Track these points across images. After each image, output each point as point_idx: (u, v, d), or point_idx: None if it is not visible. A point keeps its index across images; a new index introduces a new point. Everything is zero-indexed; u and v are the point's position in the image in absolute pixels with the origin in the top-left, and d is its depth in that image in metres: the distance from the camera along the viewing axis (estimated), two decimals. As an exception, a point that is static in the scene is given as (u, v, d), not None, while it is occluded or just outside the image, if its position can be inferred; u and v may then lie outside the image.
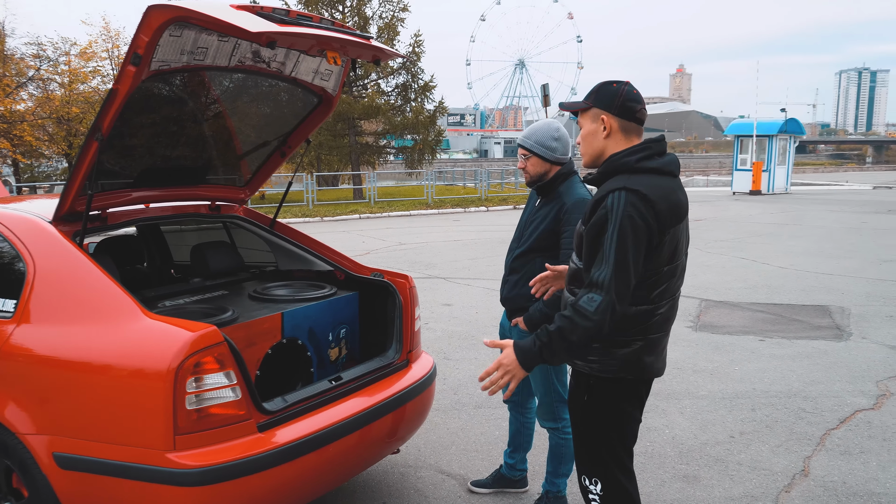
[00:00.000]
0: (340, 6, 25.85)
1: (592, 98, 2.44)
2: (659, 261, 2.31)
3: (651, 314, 2.36)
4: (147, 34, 2.62)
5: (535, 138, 3.30)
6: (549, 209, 3.28)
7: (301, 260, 4.07)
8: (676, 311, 2.50)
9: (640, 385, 2.46)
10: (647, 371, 2.43)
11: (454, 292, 8.89)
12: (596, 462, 2.48)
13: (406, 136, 26.95)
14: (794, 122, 27.63)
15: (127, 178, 3.52)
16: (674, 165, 2.41)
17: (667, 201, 2.29)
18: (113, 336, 2.67)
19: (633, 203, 2.23)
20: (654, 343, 2.41)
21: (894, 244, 12.59)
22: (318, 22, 2.96)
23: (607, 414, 2.44)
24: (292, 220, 18.39)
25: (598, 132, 2.43)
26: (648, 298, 2.34)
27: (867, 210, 19.52)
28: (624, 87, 2.41)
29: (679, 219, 2.35)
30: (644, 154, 2.35)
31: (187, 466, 2.49)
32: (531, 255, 3.32)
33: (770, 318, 7.39)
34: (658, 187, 2.29)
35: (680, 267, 2.42)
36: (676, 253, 2.37)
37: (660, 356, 2.46)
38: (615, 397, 2.43)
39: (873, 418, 4.65)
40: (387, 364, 3.45)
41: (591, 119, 2.44)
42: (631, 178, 2.29)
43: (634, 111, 2.40)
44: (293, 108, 3.87)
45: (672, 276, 2.38)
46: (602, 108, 2.41)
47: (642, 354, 2.38)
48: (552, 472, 3.51)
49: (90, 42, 25.42)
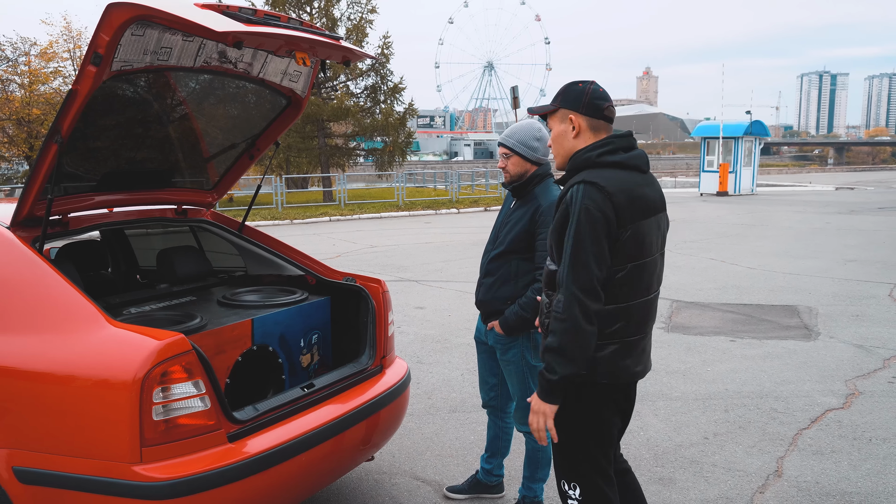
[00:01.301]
0: (308, 7, 25.65)
1: (559, 99, 2.44)
2: (623, 256, 2.29)
3: (625, 313, 2.33)
4: (108, 33, 2.53)
5: (517, 137, 3.28)
6: (525, 211, 3.26)
7: (271, 264, 3.99)
8: (655, 313, 2.48)
9: (617, 389, 2.43)
10: (625, 374, 2.39)
11: (426, 295, 8.84)
12: (574, 467, 2.45)
13: (376, 138, 26.81)
14: (759, 125, 28.09)
15: (89, 181, 3.42)
16: (640, 160, 2.40)
17: (627, 194, 2.28)
18: (75, 345, 2.57)
19: (589, 195, 2.24)
20: (632, 345, 2.38)
21: (858, 244, 12.83)
22: (286, 22, 2.90)
23: (584, 420, 2.41)
24: (261, 224, 18.20)
25: (567, 132, 2.43)
26: (619, 296, 2.31)
27: (830, 211, 19.89)
28: (590, 86, 2.42)
29: (643, 213, 2.33)
30: (606, 149, 2.35)
31: (155, 479, 2.41)
32: (507, 257, 3.29)
33: (740, 318, 7.45)
34: (618, 180, 2.29)
35: (650, 264, 2.38)
36: (644, 249, 2.34)
37: (639, 359, 2.43)
38: (592, 403, 2.40)
39: (843, 417, 4.70)
40: (360, 370, 3.39)
41: (559, 120, 2.45)
42: (591, 172, 2.31)
43: (602, 108, 2.39)
44: (261, 110, 3.80)
45: (642, 273, 2.35)
46: (569, 108, 2.41)
47: (618, 358, 2.35)
48: (529, 477, 3.47)
49: (51, 42, 24.93)
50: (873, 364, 5.81)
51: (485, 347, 3.53)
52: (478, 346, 3.60)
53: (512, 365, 3.35)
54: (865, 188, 31.97)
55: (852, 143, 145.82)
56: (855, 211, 19.73)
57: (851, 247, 12.48)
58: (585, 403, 2.39)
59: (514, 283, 3.28)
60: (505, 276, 3.30)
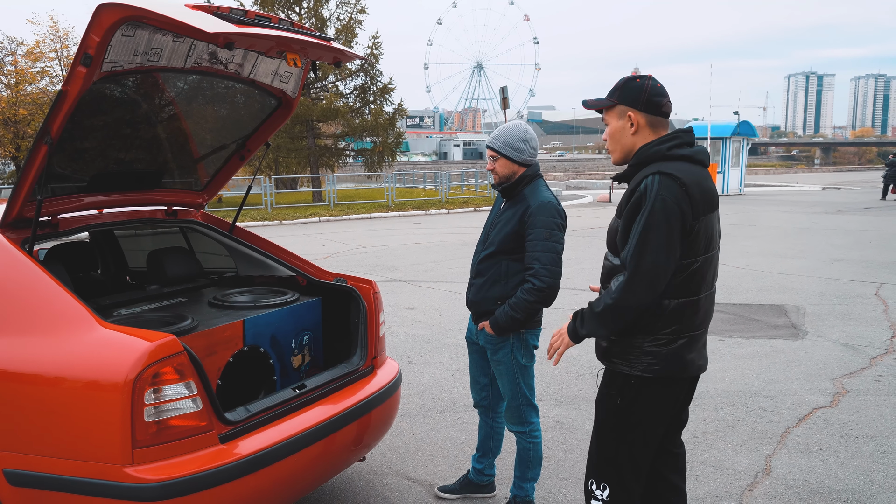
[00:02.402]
0: (297, 7, 25.59)
1: (617, 95, 2.43)
2: (696, 248, 2.30)
3: (694, 306, 2.34)
4: (98, 34, 2.53)
5: (503, 140, 3.30)
6: (514, 211, 3.27)
7: (262, 265, 3.98)
8: (714, 306, 2.49)
9: (681, 384, 2.44)
10: (692, 368, 2.41)
11: (417, 295, 8.85)
12: (610, 465, 2.44)
13: (365, 139, 26.77)
14: (747, 125, 28.25)
15: (79, 182, 3.41)
16: (703, 155, 2.42)
17: (699, 188, 2.30)
18: (66, 347, 2.56)
19: (667, 186, 2.24)
20: (697, 339, 2.40)
21: (845, 244, 12.93)
22: (276, 23, 2.90)
23: (645, 416, 2.41)
24: (251, 224, 18.14)
25: (625, 129, 2.42)
26: (690, 289, 2.32)
27: (818, 210, 20.04)
28: (648, 81, 2.41)
29: (711, 207, 2.35)
30: (675, 143, 2.36)
31: (146, 481, 2.40)
32: (497, 258, 3.30)
33: (729, 317, 7.50)
34: (690, 173, 2.30)
35: (716, 257, 2.42)
36: (712, 242, 2.37)
37: (701, 352, 2.45)
38: (656, 398, 2.40)
39: (831, 416, 4.74)
40: (351, 371, 3.40)
41: (617, 116, 2.43)
42: (664, 164, 2.31)
43: (661, 105, 2.40)
44: (252, 111, 3.79)
45: (710, 266, 2.38)
46: (628, 105, 2.41)
47: (686, 351, 2.36)
48: (520, 476, 3.49)
49: (37, 42, 24.72)
50: (860, 362, 5.86)
51: (476, 347, 3.55)
52: (469, 346, 3.61)
53: (502, 365, 3.36)
54: (852, 188, 32.23)
55: (839, 143, 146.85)
56: (842, 211, 19.88)
57: (838, 246, 12.57)
58: (650, 400, 2.39)
59: (504, 283, 3.29)
60: (495, 276, 3.31)
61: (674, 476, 2.65)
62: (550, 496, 3.71)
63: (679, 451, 2.69)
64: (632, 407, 2.40)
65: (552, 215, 3.20)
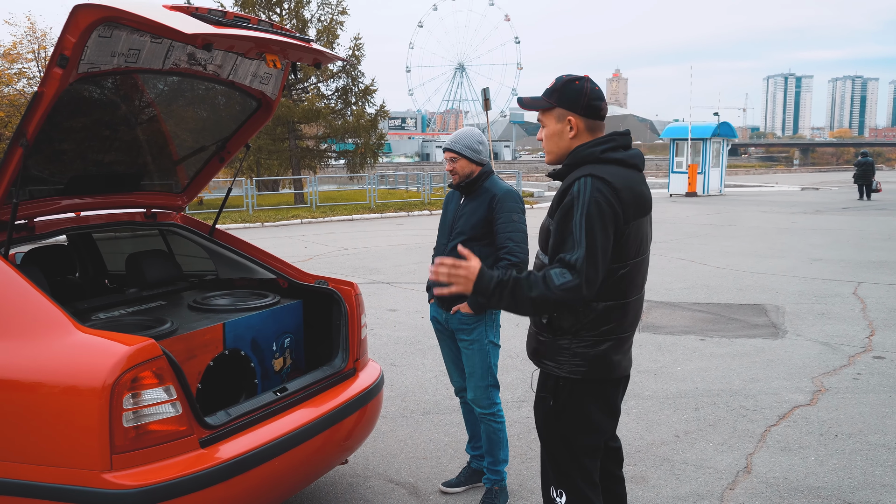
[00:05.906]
0: (278, 8, 25.47)
1: (556, 97, 2.39)
2: (627, 252, 2.30)
3: (622, 310, 2.35)
4: (74, 35, 2.50)
5: (463, 143, 3.57)
6: (480, 202, 3.52)
7: (242, 268, 3.96)
8: (643, 308, 2.50)
9: (609, 385, 2.44)
10: (617, 370, 2.41)
11: (399, 297, 8.83)
12: (562, 472, 2.45)
13: (347, 140, 26.68)
14: (727, 126, 28.49)
15: (56, 185, 3.37)
16: (638, 159, 2.41)
17: (631, 191, 2.30)
18: (42, 351, 2.52)
19: (598, 189, 2.23)
20: (623, 341, 2.41)
21: (823, 243, 13.07)
22: (256, 24, 2.88)
23: (574, 418, 2.41)
24: (232, 227, 18.03)
25: (564, 132, 2.41)
26: (619, 292, 2.33)
27: (797, 210, 20.24)
28: (587, 84, 2.38)
29: (643, 211, 2.36)
30: (608, 146, 2.36)
31: (125, 487, 2.38)
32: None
33: (710, 317, 7.55)
34: (622, 177, 2.30)
35: (646, 261, 2.43)
36: (642, 246, 2.37)
37: (626, 355, 2.46)
38: (583, 400, 2.40)
39: (810, 414, 4.79)
40: (333, 373, 3.38)
41: (556, 119, 2.41)
42: (596, 167, 2.30)
43: (599, 109, 2.39)
44: (231, 112, 3.77)
45: (639, 271, 2.39)
46: (568, 109, 2.38)
47: (611, 353, 2.37)
48: (492, 461, 3.61)
49: (14, 43, 24.42)
50: (839, 361, 5.93)
51: (447, 334, 3.67)
52: (438, 335, 3.74)
53: (476, 344, 3.52)
54: (830, 188, 32.59)
55: (817, 143, 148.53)
56: (820, 211, 20.10)
57: (817, 246, 12.71)
58: (577, 402, 2.40)
59: None
60: None
61: (612, 466, 2.70)
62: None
63: (617, 444, 2.73)
64: (564, 409, 2.41)
65: (517, 201, 3.52)
